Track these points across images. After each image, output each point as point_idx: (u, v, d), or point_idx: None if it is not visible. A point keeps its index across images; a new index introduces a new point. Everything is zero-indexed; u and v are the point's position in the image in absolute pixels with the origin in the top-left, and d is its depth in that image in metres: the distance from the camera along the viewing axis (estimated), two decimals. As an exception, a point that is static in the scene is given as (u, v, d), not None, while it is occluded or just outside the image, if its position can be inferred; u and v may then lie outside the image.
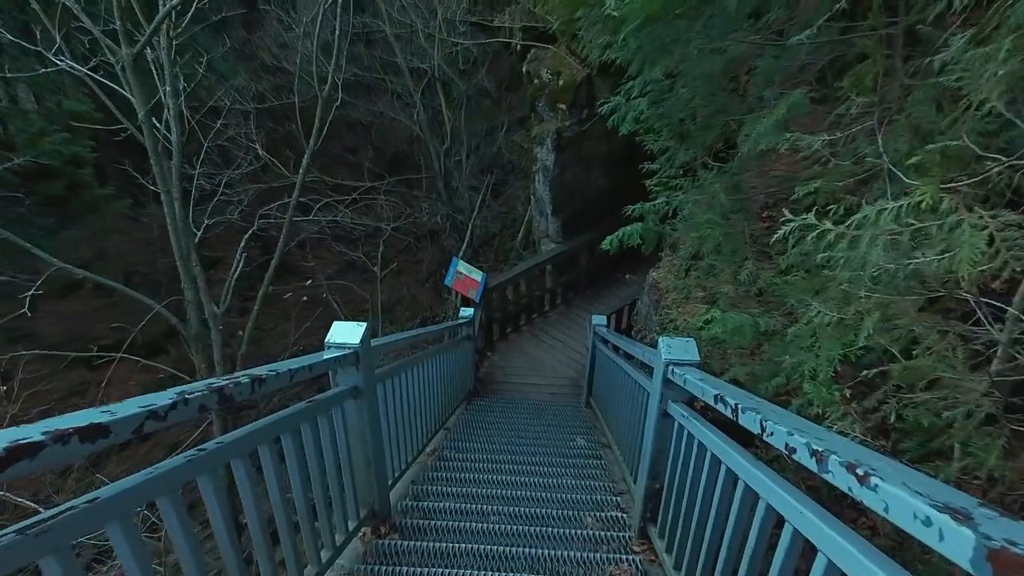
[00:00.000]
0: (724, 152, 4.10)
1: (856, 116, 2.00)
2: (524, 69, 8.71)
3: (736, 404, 1.78)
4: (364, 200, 11.18)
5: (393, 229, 14.99)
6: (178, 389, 1.52)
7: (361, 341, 2.76)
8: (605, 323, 6.83)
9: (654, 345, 5.92)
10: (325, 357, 2.63)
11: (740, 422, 1.74)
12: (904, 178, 1.70)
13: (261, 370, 1.94)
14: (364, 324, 2.83)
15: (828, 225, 1.54)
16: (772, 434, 1.49)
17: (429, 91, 11.60)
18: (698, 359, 2.67)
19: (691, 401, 2.69)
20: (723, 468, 1.99)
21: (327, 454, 2.65)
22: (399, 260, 15.47)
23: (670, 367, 2.68)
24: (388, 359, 7.01)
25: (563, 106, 8.27)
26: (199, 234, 6.79)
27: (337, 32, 7.03)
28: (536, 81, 8.51)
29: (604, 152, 8.75)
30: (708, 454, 2.17)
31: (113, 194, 11.00)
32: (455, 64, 11.91)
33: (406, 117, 11.82)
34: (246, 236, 7.51)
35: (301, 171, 7.09)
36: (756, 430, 1.60)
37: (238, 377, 1.77)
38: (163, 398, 1.42)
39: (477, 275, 8.11)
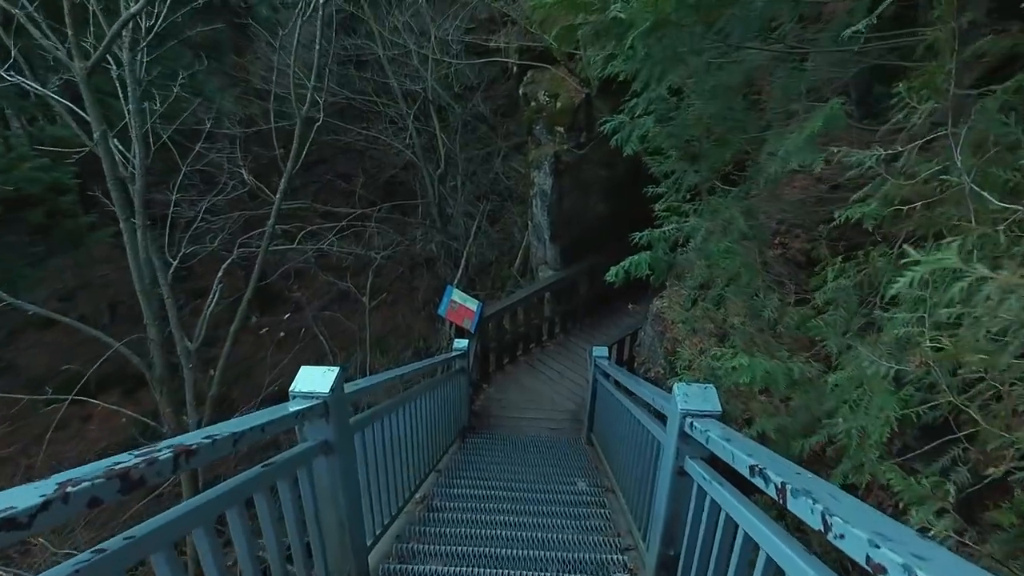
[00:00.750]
0: (735, 175, 3.79)
1: (913, 126, 1.68)
2: (521, 92, 8.47)
3: (783, 484, 1.42)
4: (354, 228, 10.86)
5: (387, 257, 14.69)
6: (61, 477, 1.15)
7: (332, 389, 2.40)
8: (606, 355, 6.47)
9: (659, 382, 5.57)
10: (290, 410, 2.28)
11: (790, 508, 1.37)
12: (991, 199, 1.37)
13: (193, 438, 1.57)
14: (336, 369, 2.47)
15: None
16: (843, 536, 1.13)
17: (423, 115, 11.37)
18: (720, 410, 2.31)
19: (712, 457, 2.33)
20: (762, 555, 1.62)
21: (290, 524, 2.28)
22: (394, 289, 15.13)
23: (688, 419, 2.32)
24: (381, 396, 6.66)
25: (561, 129, 8.01)
26: (175, 264, 6.43)
27: (318, 47, 6.76)
28: (533, 104, 8.26)
29: (604, 177, 8.48)
30: (740, 531, 1.80)
31: (97, 222, 10.67)
32: (450, 88, 11.71)
33: (399, 142, 11.56)
34: (224, 266, 7.15)
35: (278, 195, 6.75)
36: (816, 524, 1.24)
37: (156, 452, 1.40)
38: (29, 496, 1.06)
39: (472, 304, 7.76)
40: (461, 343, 6.56)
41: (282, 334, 11.93)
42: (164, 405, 6.30)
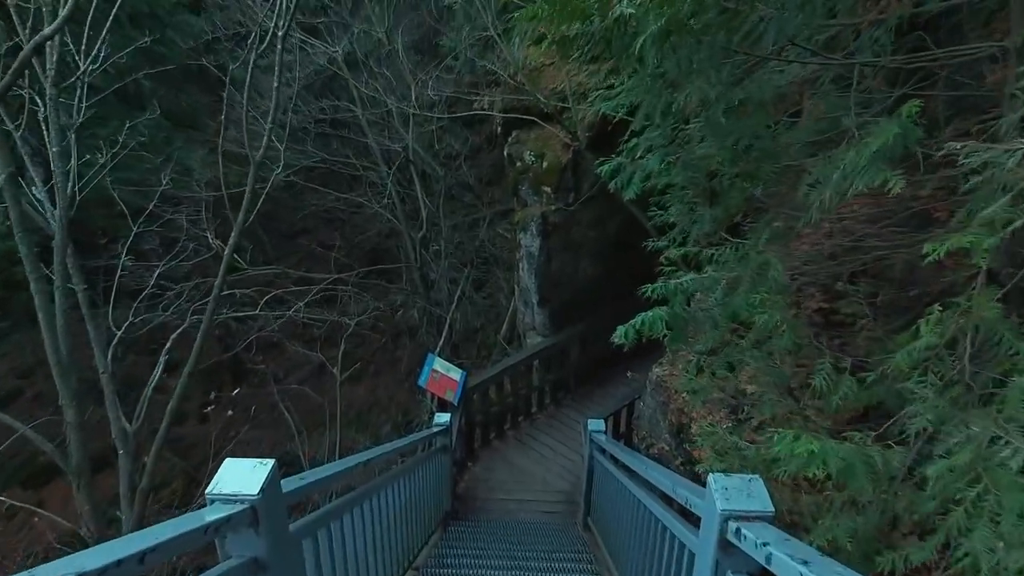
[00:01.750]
0: (743, 224, 3.37)
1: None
2: (506, 152, 8.22)
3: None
4: (330, 292, 10.30)
5: (364, 324, 14.07)
6: None
7: (261, 490, 1.83)
8: (603, 429, 5.88)
9: (664, 460, 4.98)
10: (206, 519, 1.70)
11: None
12: None
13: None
14: (268, 463, 1.91)
15: None
16: None
17: (405, 179, 11.07)
18: (772, 510, 1.77)
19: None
20: None
21: None
22: (376, 360, 14.48)
23: (731, 523, 1.77)
24: (360, 480, 6.02)
25: (548, 189, 7.70)
26: (119, 334, 5.80)
27: (276, 84, 6.30)
28: (519, 164, 7.98)
29: (593, 238, 8.12)
30: None
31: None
32: (434, 154, 11.52)
33: (380, 204, 11.19)
34: (173, 336, 6.49)
35: (227, 250, 6.15)
36: None
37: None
38: None
39: (456, 374, 7.18)
40: (443, 417, 5.94)
41: (230, 412, 11.11)
42: (83, 502, 5.40)
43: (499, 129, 8.33)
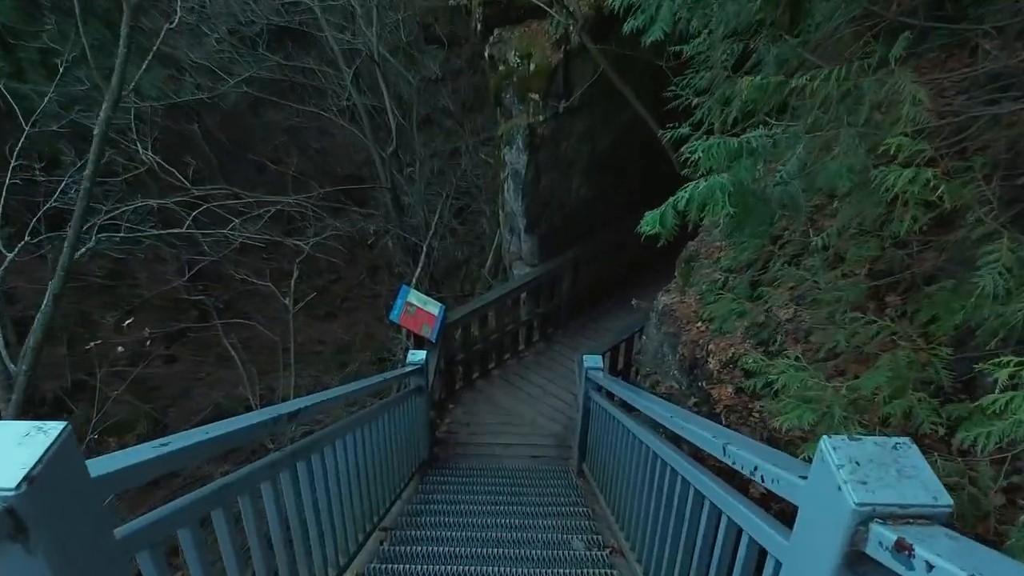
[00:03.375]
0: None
1: None
2: (487, 53, 7.14)
3: None
4: (291, 212, 9.29)
5: (347, 262, 13.16)
6: None
7: (26, 480, 1.01)
8: (601, 365, 5.15)
9: (672, 398, 4.23)
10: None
11: None
12: None
13: None
14: (52, 431, 1.08)
15: None
16: None
17: (374, 92, 9.89)
18: (949, 503, 0.99)
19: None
20: None
21: None
22: (353, 295, 13.67)
23: (875, 527, 0.99)
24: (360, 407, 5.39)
25: (535, 96, 6.69)
26: (11, 257, 4.83)
27: None
28: (502, 68, 6.93)
29: (586, 154, 7.17)
30: None
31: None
32: (413, 72, 10.34)
33: (339, 111, 10.02)
34: (63, 259, 5.42)
35: (97, 130, 5.02)
36: None
37: None
38: None
39: (434, 307, 6.39)
40: (418, 355, 5.15)
41: (120, 349, 10.21)
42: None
43: (479, 26, 7.22)
